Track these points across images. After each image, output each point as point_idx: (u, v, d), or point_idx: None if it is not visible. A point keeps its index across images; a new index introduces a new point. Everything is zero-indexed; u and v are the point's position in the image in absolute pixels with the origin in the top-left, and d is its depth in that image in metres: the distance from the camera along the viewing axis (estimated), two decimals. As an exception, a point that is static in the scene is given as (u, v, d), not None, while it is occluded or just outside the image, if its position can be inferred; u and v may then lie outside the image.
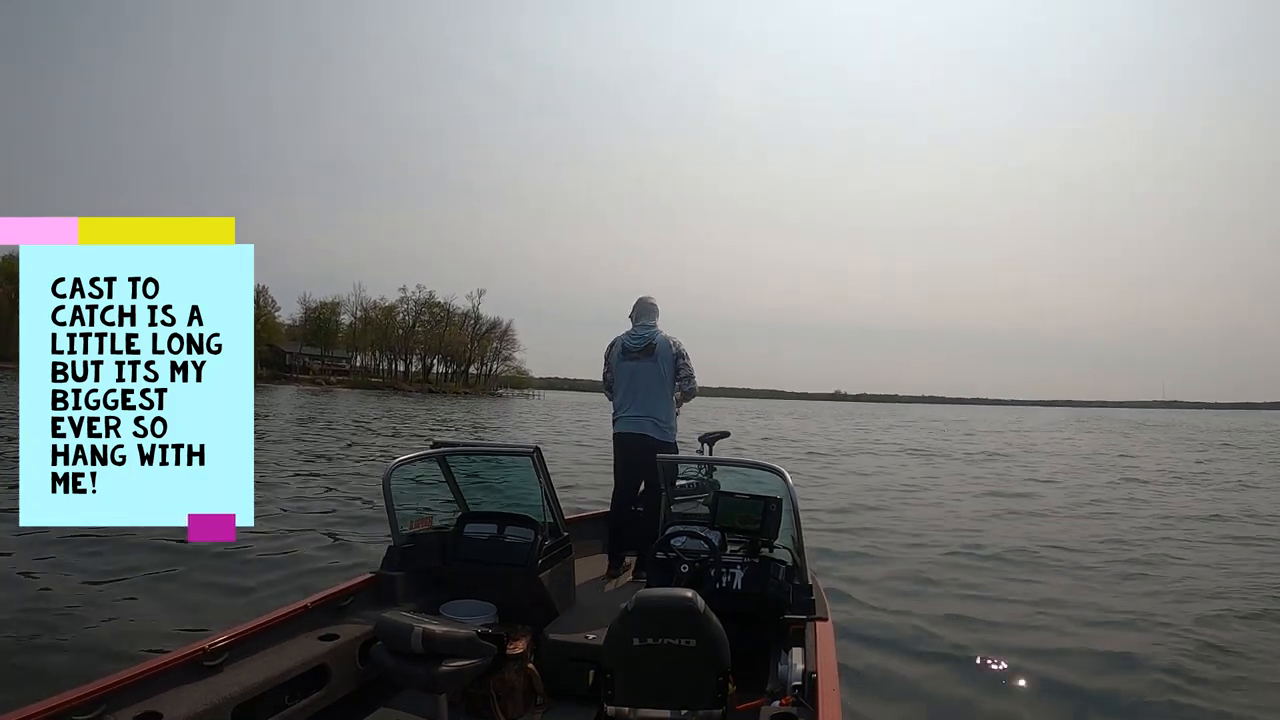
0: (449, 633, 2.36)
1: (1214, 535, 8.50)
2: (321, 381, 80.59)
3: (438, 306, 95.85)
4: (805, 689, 2.18)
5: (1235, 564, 6.92)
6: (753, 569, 3.02)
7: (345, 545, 6.55)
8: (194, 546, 5.47)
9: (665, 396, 4.05)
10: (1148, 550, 7.35)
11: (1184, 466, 18.11)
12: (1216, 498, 12.13)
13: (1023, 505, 10.69)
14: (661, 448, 3.94)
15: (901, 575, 6.23)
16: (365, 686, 2.71)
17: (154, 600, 4.90)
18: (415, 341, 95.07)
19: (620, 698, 2.15)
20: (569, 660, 2.94)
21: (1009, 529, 8.61)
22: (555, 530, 3.35)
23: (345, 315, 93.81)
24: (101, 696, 1.98)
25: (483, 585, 3.24)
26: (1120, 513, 10.12)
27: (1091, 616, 5.08)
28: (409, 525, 3.34)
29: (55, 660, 3.81)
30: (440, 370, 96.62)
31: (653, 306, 4.25)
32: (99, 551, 5.82)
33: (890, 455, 19.59)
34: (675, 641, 2.10)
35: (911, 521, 8.95)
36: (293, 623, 2.65)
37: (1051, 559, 6.88)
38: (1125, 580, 6.14)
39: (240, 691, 2.24)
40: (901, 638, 4.61)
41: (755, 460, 3.35)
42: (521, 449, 3.38)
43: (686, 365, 4.07)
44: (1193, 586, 5.95)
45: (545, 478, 3.35)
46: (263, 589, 5.16)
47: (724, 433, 4.69)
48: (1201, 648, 4.42)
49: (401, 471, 3.36)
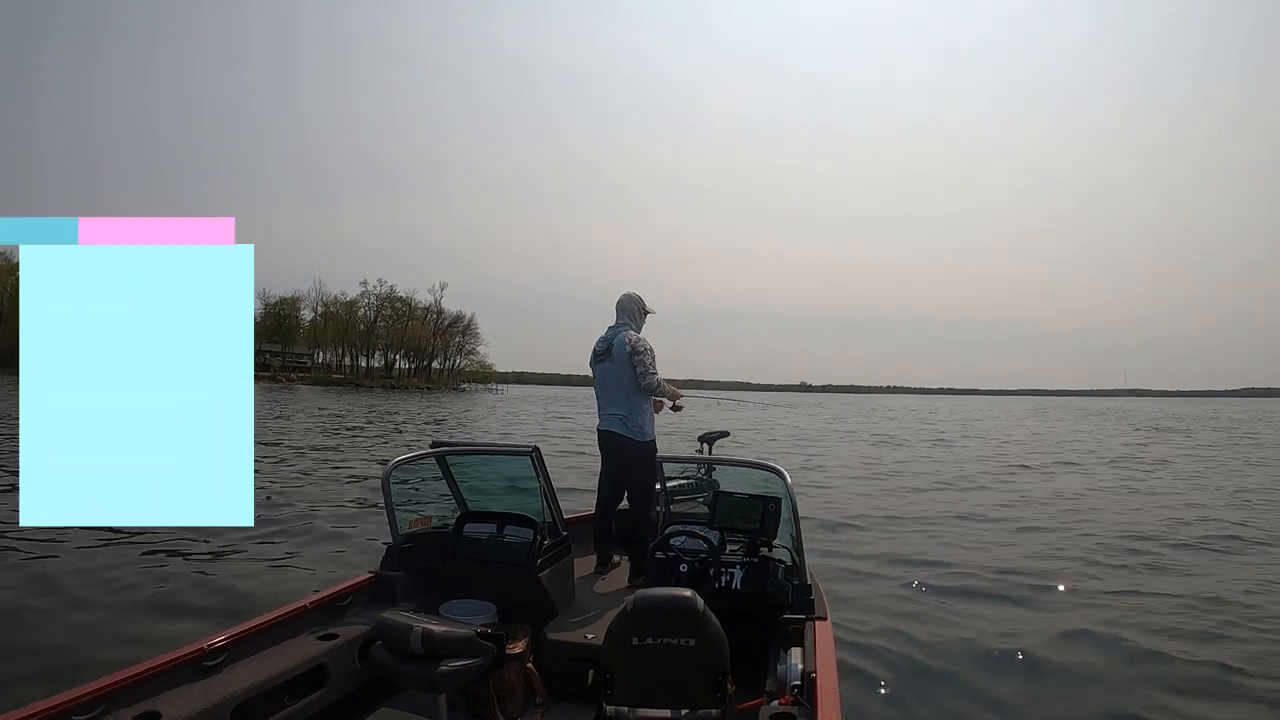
0: (448, 632, 2.36)
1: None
2: (282, 378, 79.86)
3: (399, 301, 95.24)
4: (804, 689, 2.18)
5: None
6: (752, 569, 3.03)
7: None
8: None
9: (628, 396, 3.99)
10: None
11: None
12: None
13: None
14: (632, 445, 3.92)
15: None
16: (364, 686, 2.71)
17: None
18: (377, 337, 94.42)
19: (620, 697, 2.15)
20: (568, 660, 2.94)
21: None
22: (555, 530, 3.35)
23: (306, 310, 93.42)
24: (101, 696, 1.98)
25: (482, 585, 3.24)
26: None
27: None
28: (408, 525, 3.35)
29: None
30: (403, 365, 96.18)
31: (626, 306, 4.16)
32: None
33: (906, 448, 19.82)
34: (675, 641, 2.10)
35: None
36: (292, 622, 2.66)
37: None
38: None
39: (239, 691, 2.24)
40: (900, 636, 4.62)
41: (754, 460, 3.35)
42: (521, 449, 3.38)
43: (640, 361, 3.95)
44: (1196, 586, 6.02)
45: (544, 477, 3.35)
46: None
47: (723, 432, 4.69)
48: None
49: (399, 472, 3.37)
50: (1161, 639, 4.61)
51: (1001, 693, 3.85)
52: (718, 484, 3.79)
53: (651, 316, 4.24)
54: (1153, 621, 4.93)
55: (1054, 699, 3.80)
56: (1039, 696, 3.82)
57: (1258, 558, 7.01)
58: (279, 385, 70.24)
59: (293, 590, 4.74)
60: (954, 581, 5.92)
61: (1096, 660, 4.26)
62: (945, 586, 5.77)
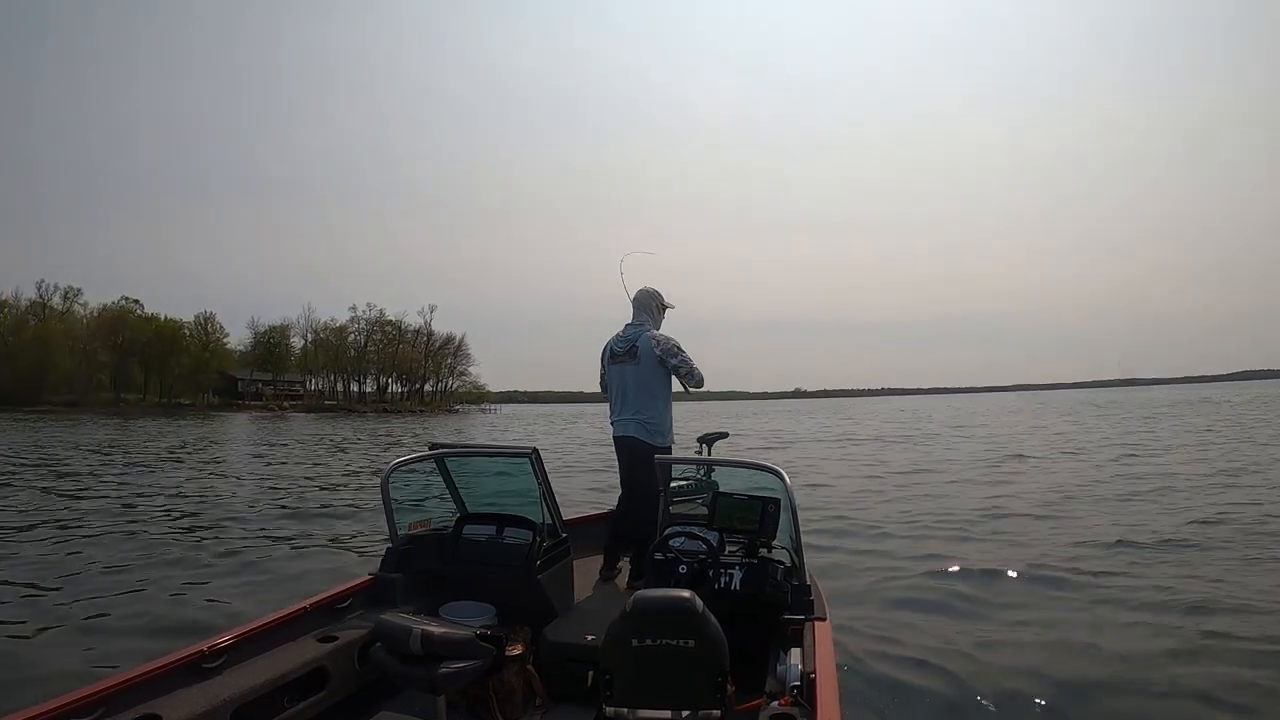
0: (448, 634, 2.36)
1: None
2: (274, 407, 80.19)
3: (389, 324, 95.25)
4: (804, 689, 2.18)
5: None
6: (751, 569, 3.02)
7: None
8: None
9: (653, 399, 3.94)
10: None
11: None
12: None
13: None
14: (649, 450, 3.86)
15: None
16: (364, 688, 2.71)
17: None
18: (368, 361, 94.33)
19: (619, 698, 2.15)
20: (568, 661, 2.94)
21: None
22: (554, 531, 3.35)
23: (296, 338, 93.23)
24: (101, 699, 1.98)
25: (481, 586, 3.24)
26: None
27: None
28: (408, 527, 3.36)
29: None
30: (395, 389, 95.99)
31: (644, 302, 4.09)
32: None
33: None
34: (674, 642, 2.09)
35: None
36: (292, 625, 2.66)
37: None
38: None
39: (239, 694, 2.24)
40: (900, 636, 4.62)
41: (754, 461, 3.34)
42: (520, 450, 3.38)
43: (679, 361, 3.90)
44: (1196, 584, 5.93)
45: (544, 479, 3.35)
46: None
47: (723, 433, 4.68)
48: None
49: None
50: (1164, 639, 4.56)
51: (1002, 692, 3.84)
52: (717, 485, 3.78)
53: (670, 311, 4.18)
54: (1161, 622, 4.88)
55: (1055, 699, 3.78)
56: (1040, 697, 3.80)
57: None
58: (269, 414, 70.08)
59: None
60: (954, 581, 5.91)
61: (1097, 660, 4.24)
62: (946, 586, 5.77)
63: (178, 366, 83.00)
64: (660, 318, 4.16)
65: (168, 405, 78.25)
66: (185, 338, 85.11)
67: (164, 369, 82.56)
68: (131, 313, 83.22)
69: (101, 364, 78.76)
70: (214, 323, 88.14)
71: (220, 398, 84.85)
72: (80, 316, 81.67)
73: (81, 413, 59.27)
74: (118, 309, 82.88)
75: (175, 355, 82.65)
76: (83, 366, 75.96)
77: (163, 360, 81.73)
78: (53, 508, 10.40)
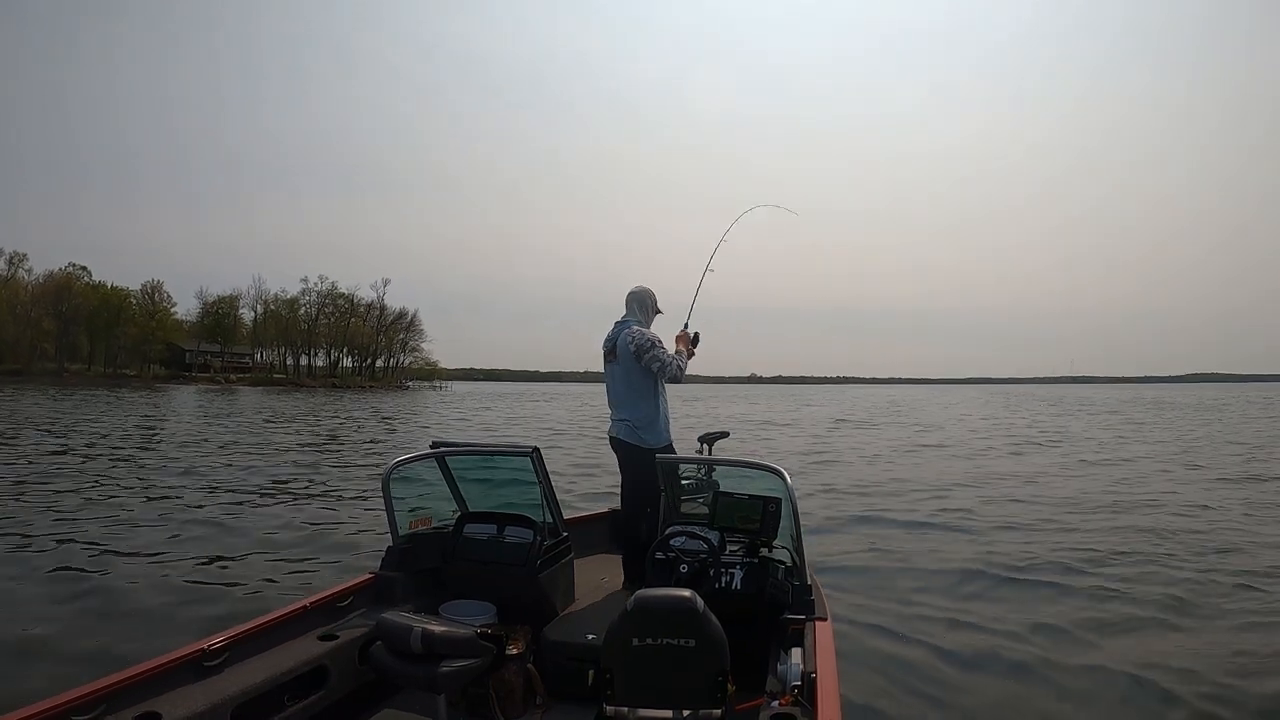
0: (448, 633, 2.36)
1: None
2: (222, 380, 78.31)
3: (341, 298, 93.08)
4: (804, 689, 2.19)
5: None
6: (752, 569, 3.03)
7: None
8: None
9: (637, 398, 3.87)
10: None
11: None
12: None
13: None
14: (637, 451, 3.82)
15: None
16: (365, 687, 2.71)
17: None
18: (319, 335, 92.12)
19: (620, 698, 2.15)
20: (568, 660, 2.94)
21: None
22: (555, 530, 3.35)
23: (245, 309, 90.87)
24: (101, 697, 1.97)
25: (482, 585, 3.24)
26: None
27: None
28: (408, 525, 3.31)
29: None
30: (347, 364, 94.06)
31: (639, 299, 4.01)
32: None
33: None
34: (675, 642, 2.09)
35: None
36: (292, 623, 2.65)
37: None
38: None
39: (240, 692, 2.24)
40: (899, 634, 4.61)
41: (755, 460, 3.35)
42: (521, 449, 3.38)
43: (651, 357, 3.79)
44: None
45: (544, 478, 3.34)
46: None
47: (723, 433, 4.68)
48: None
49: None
50: (1166, 637, 4.61)
51: (1003, 693, 3.86)
52: (717, 484, 3.79)
53: (660, 317, 4.08)
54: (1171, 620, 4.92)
55: (1055, 698, 3.80)
56: (1040, 696, 3.83)
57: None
58: (216, 387, 68.34)
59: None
60: (955, 582, 5.92)
61: (1096, 660, 4.25)
62: (946, 587, 5.78)
63: (123, 336, 79.12)
64: (650, 319, 4.07)
65: (112, 375, 75.19)
66: (131, 307, 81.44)
67: (110, 339, 78.92)
68: (78, 280, 79.22)
69: (46, 332, 74.64)
70: (161, 292, 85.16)
71: (167, 369, 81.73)
72: (25, 283, 77.48)
73: (25, 383, 56.05)
74: (63, 275, 78.59)
75: (121, 325, 78.83)
76: (26, 334, 72.31)
77: (108, 329, 77.94)
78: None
